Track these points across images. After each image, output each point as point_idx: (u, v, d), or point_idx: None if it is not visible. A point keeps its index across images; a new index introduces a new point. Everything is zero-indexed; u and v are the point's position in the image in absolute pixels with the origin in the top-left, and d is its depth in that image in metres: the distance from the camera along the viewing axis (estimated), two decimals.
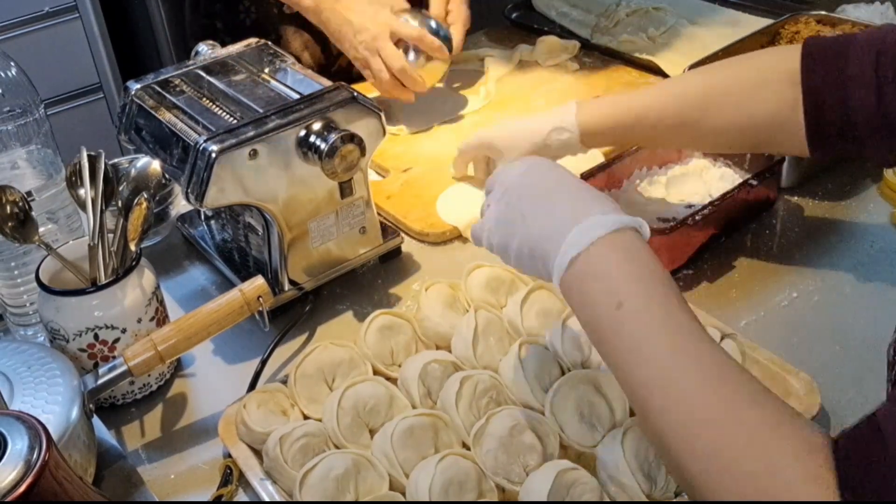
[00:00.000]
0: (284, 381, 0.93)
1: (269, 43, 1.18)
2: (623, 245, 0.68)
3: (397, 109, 1.42)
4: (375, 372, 0.93)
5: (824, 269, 1.06)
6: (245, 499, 0.87)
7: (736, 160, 1.18)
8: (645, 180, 1.19)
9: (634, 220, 0.70)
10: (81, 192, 0.96)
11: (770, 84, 0.93)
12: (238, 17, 1.52)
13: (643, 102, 1.01)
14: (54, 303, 0.91)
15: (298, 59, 1.40)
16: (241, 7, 1.51)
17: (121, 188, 0.97)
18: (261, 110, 1.00)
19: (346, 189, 1.04)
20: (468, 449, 0.82)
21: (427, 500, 0.77)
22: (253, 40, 1.18)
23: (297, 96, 1.04)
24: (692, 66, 1.26)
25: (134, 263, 0.94)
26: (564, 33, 1.62)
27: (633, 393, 0.63)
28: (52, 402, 0.82)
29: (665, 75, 1.45)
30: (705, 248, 1.10)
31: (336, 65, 1.57)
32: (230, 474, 0.88)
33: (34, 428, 0.64)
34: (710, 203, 1.07)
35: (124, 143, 1.12)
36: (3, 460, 0.62)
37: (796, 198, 1.18)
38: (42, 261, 0.94)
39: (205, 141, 0.95)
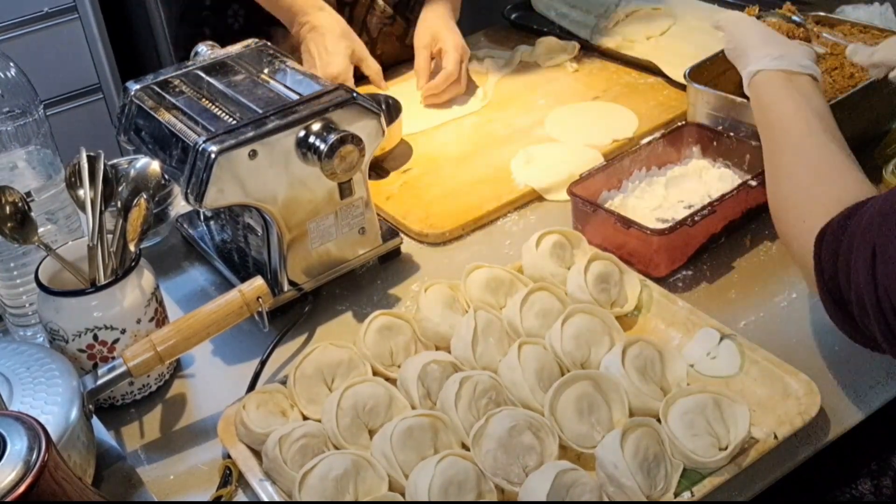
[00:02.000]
0: (284, 382, 0.93)
1: (269, 43, 1.18)
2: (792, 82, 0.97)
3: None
4: (375, 372, 0.94)
5: None
6: (244, 499, 0.87)
7: (735, 161, 1.18)
8: (644, 181, 1.19)
9: (814, 70, 0.98)
10: (81, 192, 0.96)
11: None
12: (226, 21, 1.53)
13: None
14: (53, 303, 0.91)
15: None
16: (229, 11, 1.52)
17: (120, 189, 0.97)
18: (260, 111, 1.00)
19: (345, 190, 1.04)
20: (467, 449, 0.82)
21: (426, 500, 0.77)
22: (252, 41, 1.18)
23: (296, 97, 1.04)
24: (692, 68, 1.26)
25: (133, 264, 0.94)
26: (564, 34, 1.62)
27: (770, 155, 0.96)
28: (52, 402, 0.82)
29: (665, 76, 1.45)
30: (705, 248, 1.10)
31: None
32: (229, 475, 0.88)
33: (33, 429, 0.64)
34: (710, 204, 1.07)
35: (124, 144, 1.12)
36: (3, 461, 0.62)
37: None
38: (41, 261, 0.94)
39: (204, 141, 0.95)
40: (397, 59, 1.59)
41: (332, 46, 1.39)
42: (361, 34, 1.50)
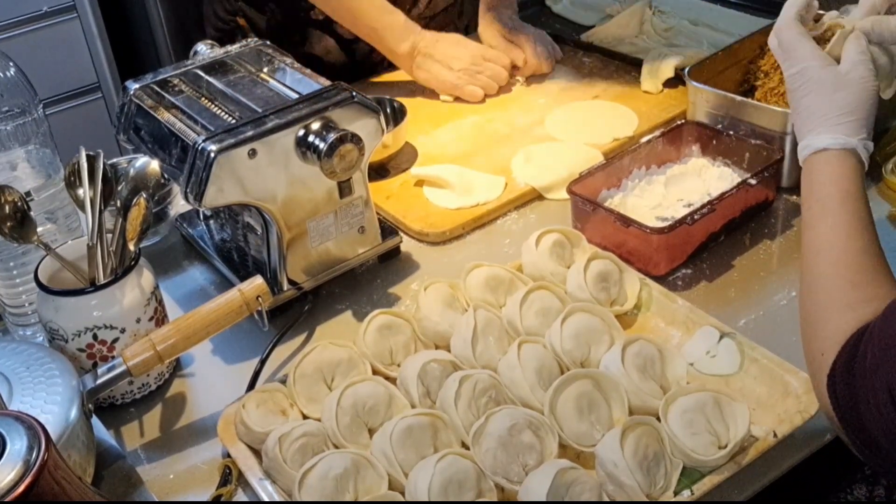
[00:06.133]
0: (283, 381, 0.93)
1: (268, 42, 1.18)
2: (842, 163, 0.91)
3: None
4: (374, 371, 0.93)
5: None
6: (244, 499, 0.87)
7: (735, 159, 1.18)
8: (644, 179, 1.19)
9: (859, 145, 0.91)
10: (80, 191, 0.96)
11: None
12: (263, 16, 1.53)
13: None
14: (53, 303, 0.91)
15: (322, 63, 1.51)
16: (266, 9, 1.52)
17: (119, 188, 0.97)
18: (259, 110, 1.00)
19: (344, 189, 1.04)
20: (467, 448, 0.82)
21: (426, 499, 0.77)
22: (251, 40, 1.18)
23: (295, 96, 1.04)
24: (692, 68, 1.26)
25: (133, 263, 0.94)
26: (563, 34, 1.62)
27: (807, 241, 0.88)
28: (51, 402, 0.82)
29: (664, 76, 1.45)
30: (704, 247, 1.10)
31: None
32: (229, 474, 0.88)
33: (33, 428, 0.64)
34: (709, 202, 1.07)
35: (123, 143, 1.12)
36: (2, 460, 0.61)
37: (795, 197, 1.18)
38: (41, 261, 0.94)
39: (203, 140, 0.95)
40: None
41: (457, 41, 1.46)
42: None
